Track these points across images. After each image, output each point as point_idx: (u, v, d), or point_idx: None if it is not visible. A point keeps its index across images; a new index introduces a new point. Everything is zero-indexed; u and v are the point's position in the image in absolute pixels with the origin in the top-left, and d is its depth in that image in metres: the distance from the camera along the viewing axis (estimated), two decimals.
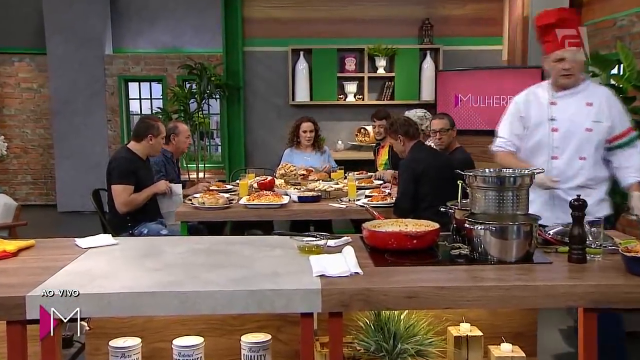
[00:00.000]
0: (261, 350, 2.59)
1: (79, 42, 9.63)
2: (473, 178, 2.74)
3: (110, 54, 9.91)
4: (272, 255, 2.73)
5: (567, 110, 3.61)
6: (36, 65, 10.27)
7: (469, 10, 9.14)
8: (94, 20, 9.68)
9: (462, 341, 2.70)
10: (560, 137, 3.61)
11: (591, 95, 3.62)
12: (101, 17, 9.73)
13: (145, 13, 9.92)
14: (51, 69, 9.75)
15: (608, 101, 3.62)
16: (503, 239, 2.58)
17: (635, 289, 2.31)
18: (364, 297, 2.26)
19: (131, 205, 4.97)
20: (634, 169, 3.58)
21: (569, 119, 3.60)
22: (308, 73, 8.97)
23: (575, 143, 3.59)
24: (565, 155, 3.60)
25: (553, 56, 3.59)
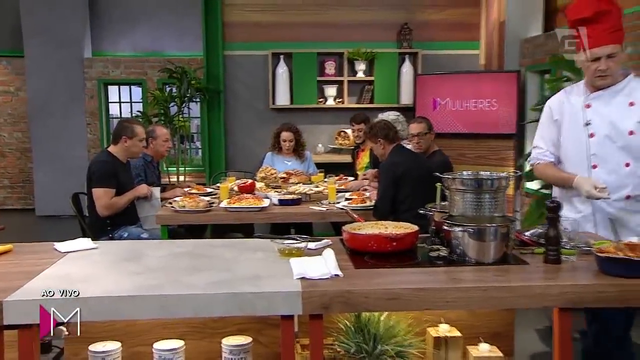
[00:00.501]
0: (242, 353, 2.58)
1: (57, 44, 9.52)
2: (451, 181, 2.76)
3: (90, 57, 9.83)
4: (252, 258, 2.73)
5: (605, 113, 3.19)
6: (13, 67, 10.16)
7: (446, 16, 9.20)
8: (72, 22, 9.56)
9: (441, 342, 2.71)
10: (599, 143, 3.19)
11: (634, 92, 3.18)
12: (80, 19, 9.62)
13: (125, 16, 9.85)
14: (29, 72, 9.65)
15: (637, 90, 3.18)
16: (481, 241, 2.60)
17: (607, 289, 2.34)
18: (344, 299, 2.27)
19: (112, 209, 4.95)
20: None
21: (609, 122, 3.17)
22: (288, 77, 8.98)
23: (617, 149, 3.16)
24: (607, 163, 3.18)
25: (587, 55, 3.16)
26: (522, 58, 8.07)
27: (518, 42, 8.08)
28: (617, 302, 2.37)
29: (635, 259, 2.39)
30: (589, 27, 3.11)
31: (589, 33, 3.11)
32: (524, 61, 8.02)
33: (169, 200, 5.18)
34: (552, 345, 2.48)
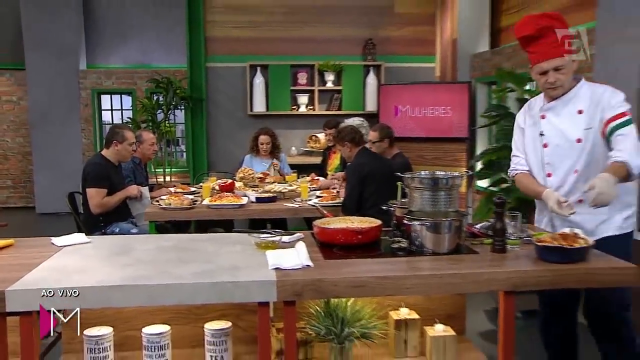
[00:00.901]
0: (223, 337, 2.57)
1: (55, 58, 9.43)
2: (411, 180, 2.77)
3: (85, 69, 9.73)
4: (232, 250, 2.71)
5: (557, 122, 3.01)
6: (15, 79, 10.05)
7: (406, 33, 9.26)
8: (69, 38, 9.49)
9: (402, 324, 2.73)
10: (551, 153, 3.02)
11: (581, 101, 2.97)
12: (76, 35, 9.54)
13: (117, 31, 9.77)
14: (29, 83, 9.55)
15: (593, 98, 2.94)
16: (437, 233, 2.62)
17: (545, 273, 2.39)
18: (315, 287, 2.27)
19: (104, 207, 4.90)
20: (621, 151, 2.76)
21: (559, 131, 2.99)
22: (264, 86, 8.96)
23: (567, 157, 2.98)
24: (558, 171, 3.01)
25: (536, 69, 2.99)
26: (472, 71, 8.15)
27: (468, 57, 8.16)
28: (552, 285, 2.41)
29: (567, 247, 2.44)
30: (534, 44, 2.96)
31: (534, 49, 2.96)
32: (474, 73, 8.10)
33: (156, 199, 5.14)
34: (498, 324, 2.51)
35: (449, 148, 7.95)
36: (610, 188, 2.58)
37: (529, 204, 4.81)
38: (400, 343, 2.73)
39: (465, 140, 7.84)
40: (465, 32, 8.15)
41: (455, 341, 2.71)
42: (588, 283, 2.48)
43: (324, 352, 2.65)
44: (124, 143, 5.07)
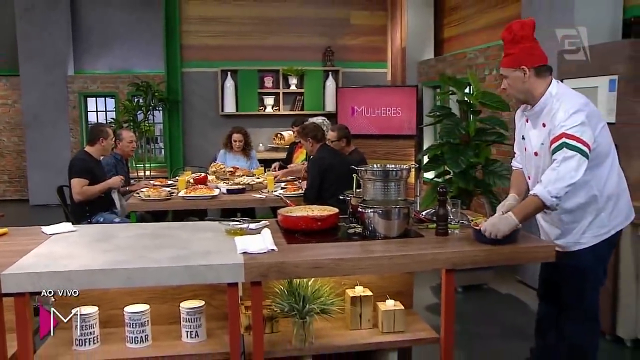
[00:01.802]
0: (197, 314, 2.55)
1: (46, 65, 9.29)
2: (365, 172, 2.78)
3: (72, 75, 9.57)
4: (204, 237, 2.68)
5: (530, 131, 2.72)
6: (10, 84, 9.85)
7: (361, 41, 9.30)
8: (59, 47, 9.35)
9: (357, 300, 2.74)
10: (526, 158, 2.79)
11: (547, 114, 2.59)
12: (65, 44, 9.39)
13: (101, 41, 9.62)
14: (23, 88, 9.37)
15: (550, 114, 2.57)
16: (387, 220, 2.64)
17: (479, 253, 2.44)
18: (279, 269, 2.27)
19: (85, 195, 4.81)
20: (540, 182, 2.50)
21: (529, 140, 2.73)
22: (234, 89, 8.90)
23: (533, 166, 2.74)
24: (532, 176, 2.78)
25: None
26: (419, 76, 8.23)
27: (416, 63, 8.25)
28: (486, 263, 2.48)
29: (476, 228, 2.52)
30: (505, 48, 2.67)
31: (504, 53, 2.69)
32: (421, 78, 8.18)
33: (136, 191, 5.06)
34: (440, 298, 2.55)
35: (399, 144, 8.02)
36: (501, 226, 2.44)
37: (468, 193, 4.91)
38: (356, 317, 2.74)
39: (414, 137, 7.92)
40: (412, 42, 8.23)
41: (404, 314, 2.74)
42: (514, 260, 2.55)
43: (288, 327, 2.65)
44: (108, 139, 5.05)
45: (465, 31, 7.30)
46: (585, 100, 2.57)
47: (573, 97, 2.57)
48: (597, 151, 2.53)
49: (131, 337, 2.52)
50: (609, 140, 2.63)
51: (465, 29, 7.34)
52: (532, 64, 2.58)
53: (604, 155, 2.59)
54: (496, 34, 6.41)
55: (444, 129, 4.96)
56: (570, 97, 2.56)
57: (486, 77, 6.16)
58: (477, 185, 4.95)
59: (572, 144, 2.43)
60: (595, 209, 2.61)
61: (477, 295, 4.87)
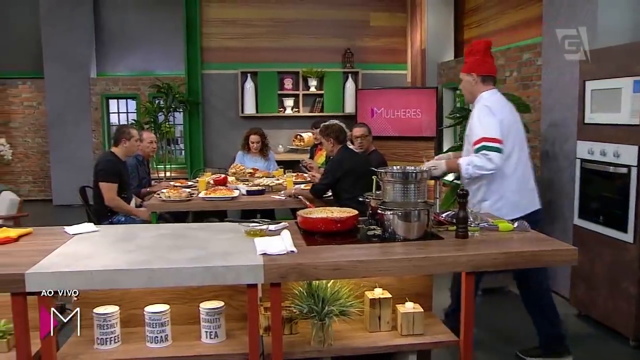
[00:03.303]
0: (216, 315, 2.56)
1: (70, 68, 9.45)
2: (384, 174, 2.76)
3: (95, 77, 9.71)
4: (224, 238, 2.69)
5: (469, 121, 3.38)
6: (35, 87, 10.02)
7: (380, 43, 9.28)
8: (82, 50, 9.51)
9: (376, 302, 2.73)
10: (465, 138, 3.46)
11: (474, 111, 3.33)
12: (88, 48, 9.54)
13: (123, 44, 9.75)
14: (48, 90, 9.54)
15: (472, 115, 3.30)
16: (407, 222, 2.62)
17: (499, 256, 2.42)
18: (298, 270, 2.26)
19: (114, 204, 4.86)
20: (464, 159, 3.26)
21: (466, 128, 3.43)
22: (254, 91, 8.93)
23: (465, 145, 3.41)
24: (464, 151, 3.45)
25: None
26: (439, 77, 8.18)
27: (436, 65, 8.19)
28: (505, 266, 2.45)
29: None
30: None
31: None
32: (440, 80, 8.13)
33: (157, 192, 5.10)
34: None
35: (419, 146, 7.97)
36: (439, 168, 3.33)
37: None
38: (375, 319, 2.73)
39: (433, 138, 7.87)
40: (432, 44, 8.19)
41: (423, 317, 2.72)
42: (534, 263, 2.52)
43: (306, 328, 2.65)
44: (132, 139, 5.09)
45: (486, 32, 7.24)
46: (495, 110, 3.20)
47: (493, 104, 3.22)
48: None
49: (151, 337, 2.54)
50: (510, 149, 3.22)
51: (485, 30, 7.28)
52: (480, 73, 3.32)
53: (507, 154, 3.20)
54: (517, 35, 6.34)
55: (464, 131, 4.91)
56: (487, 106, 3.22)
57: (507, 78, 6.10)
58: None
59: (489, 145, 3.11)
60: (493, 195, 3.25)
61: (497, 299, 4.82)
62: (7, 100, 10.12)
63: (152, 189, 5.47)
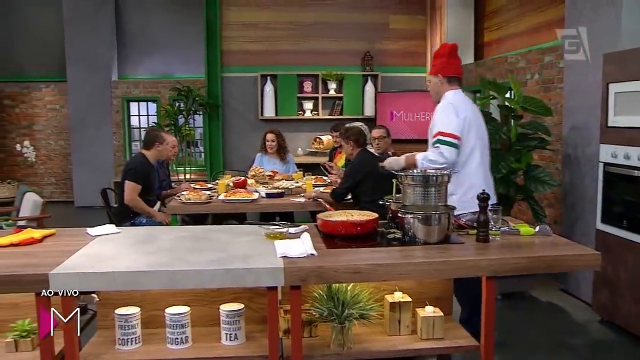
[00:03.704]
0: (236, 317, 2.57)
1: (91, 71, 9.57)
2: (405, 177, 2.75)
3: (116, 80, 9.82)
4: (244, 240, 2.70)
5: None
6: (58, 90, 10.17)
7: (400, 46, 9.25)
8: (104, 53, 9.63)
9: (396, 306, 2.72)
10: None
11: (437, 108, 3.53)
12: (109, 51, 9.66)
13: (144, 47, 9.85)
14: (70, 93, 9.67)
15: (436, 111, 3.47)
16: (427, 225, 2.61)
17: (521, 261, 2.39)
18: (318, 273, 2.26)
19: (133, 204, 4.88)
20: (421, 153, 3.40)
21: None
22: (273, 94, 8.96)
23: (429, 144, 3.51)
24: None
25: None
26: None
27: None
28: (527, 270, 2.42)
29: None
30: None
31: None
32: None
33: (177, 194, 5.14)
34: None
35: None
36: (396, 162, 3.48)
37: (509, 199, 4.82)
38: (395, 323, 2.72)
39: None
40: None
41: (443, 321, 2.71)
42: (556, 268, 2.48)
43: (326, 331, 2.65)
44: (164, 143, 5.15)
45: (506, 35, 7.18)
46: (458, 108, 3.37)
47: (454, 103, 3.40)
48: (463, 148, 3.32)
49: (171, 338, 2.56)
50: (474, 143, 3.36)
51: (505, 33, 7.22)
52: (445, 74, 3.49)
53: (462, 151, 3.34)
54: (538, 37, 6.28)
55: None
56: (449, 104, 3.41)
57: (528, 81, 6.04)
58: (518, 191, 4.86)
59: (443, 139, 3.27)
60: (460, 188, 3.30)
61: (517, 303, 4.77)
62: (31, 103, 10.28)
63: (173, 191, 5.51)
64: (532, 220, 4.71)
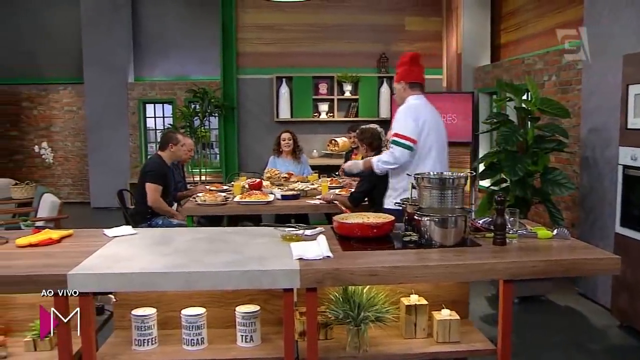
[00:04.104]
0: (252, 319, 2.58)
1: (108, 73, 9.67)
2: (421, 179, 2.75)
3: (132, 82, 9.91)
4: (260, 242, 2.71)
5: None
6: (76, 92, 10.29)
7: (416, 47, 9.19)
8: (120, 55, 9.72)
9: (412, 309, 2.71)
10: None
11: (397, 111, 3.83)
12: (126, 53, 9.75)
13: (159, 49, 9.93)
14: (87, 95, 9.78)
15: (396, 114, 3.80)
16: (444, 228, 2.59)
17: (538, 264, 2.36)
18: (334, 276, 2.26)
19: (157, 205, 4.96)
20: (376, 156, 3.87)
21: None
22: (289, 95, 8.98)
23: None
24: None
25: None
26: (475, 82, 8.09)
27: (472, 69, 8.10)
28: (544, 274, 2.40)
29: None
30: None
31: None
32: (477, 84, 8.04)
33: (193, 196, 5.17)
34: (497, 309, 2.49)
35: (454, 151, 7.85)
36: (355, 166, 4.09)
37: (525, 202, 4.79)
38: (410, 326, 2.71)
39: (469, 144, 7.79)
40: (468, 48, 8.10)
41: (459, 324, 2.69)
42: (575, 272, 2.46)
43: (342, 334, 2.64)
44: (178, 145, 5.19)
45: (524, 36, 7.13)
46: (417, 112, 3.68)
47: (412, 107, 3.72)
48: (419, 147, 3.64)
49: (187, 340, 2.58)
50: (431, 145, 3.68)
51: (523, 34, 7.17)
52: (407, 80, 3.78)
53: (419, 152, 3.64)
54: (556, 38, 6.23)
55: (501, 136, 4.85)
56: (409, 107, 3.72)
57: (545, 83, 6.00)
58: (535, 193, 4.83)
59: (397, 140, 3.61)
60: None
61: (534, 307, 4.73)
62: (49, 105, 10.41)
63: (188, 193, 5.54)
64: (549, 224, 4.67)
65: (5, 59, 10.07)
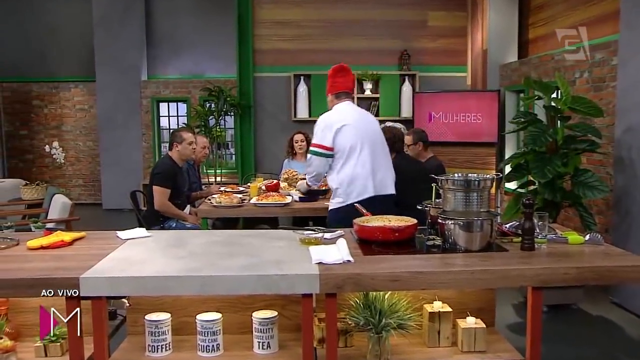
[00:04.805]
0: (269, 325, 2.58)
1: (121, 71, 9.79)
2: (445, 181, 2.72)
3: (145, 80, 9.99)
4: (277, 246, 2.71)
5: None
6: (87, 90, 10.42)
7: (439, 44, 9.19)
8: (133, 53, 9.83)
9: (435, 316, 2.69)
10: None
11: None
12: (139, 50, 9.86)
13: (173, 46, 10.02)
14: (99, 93, 9.90)
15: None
16: (469, 232, 2.58)
17: (570, 270, 2.33)
18: (354, 281, 2.25)
19: (164, 209, 4.98)
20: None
21: None
22: (307, 94, 8.99)
23: None
24: None
25: None
26: (501, 80, 8.03)
27: (498, 67, 8.05)
28: (576, 281, 2.37)
29: None
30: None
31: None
32: (503, 82, 7.97)
33: (207, 197, 5.19)
34: (525, 317, 2.46)
35: (479, 152, 7.84)
36: (302, 185, 4.70)
37: (555, 205, 4.73)
38: (434, 334, 2.69)
39: (495, 144, 7.73)
40: (494, 44, 8.04)
41: (485, 333, 2.67)
42: (609, 280, 2.43)
43: (362, 341, 2.63)
44: (183, 143, 5.17)
45: (553, 31, 7.06)
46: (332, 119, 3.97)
47: (330, 114, 4.06)
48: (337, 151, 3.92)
49: (203, 346, 2.58)
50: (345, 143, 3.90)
51: (552, 29, 7.10)
52: (332, 92, 4.12)
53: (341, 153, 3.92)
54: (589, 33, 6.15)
55: (528, 137, 4.81)
56: (325, 117, 4.05)
57: (577, 80, 5.93)
58: (564, 196, 4.77)
59: (312, 149, 4.01)
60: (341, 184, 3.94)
61: (564, 316, 4.68)
62: (60, 103, 10.55)
63: (202, 193, 5.57)
64: (580, 228, 4.62)
65: (15, 57, 10.23)
